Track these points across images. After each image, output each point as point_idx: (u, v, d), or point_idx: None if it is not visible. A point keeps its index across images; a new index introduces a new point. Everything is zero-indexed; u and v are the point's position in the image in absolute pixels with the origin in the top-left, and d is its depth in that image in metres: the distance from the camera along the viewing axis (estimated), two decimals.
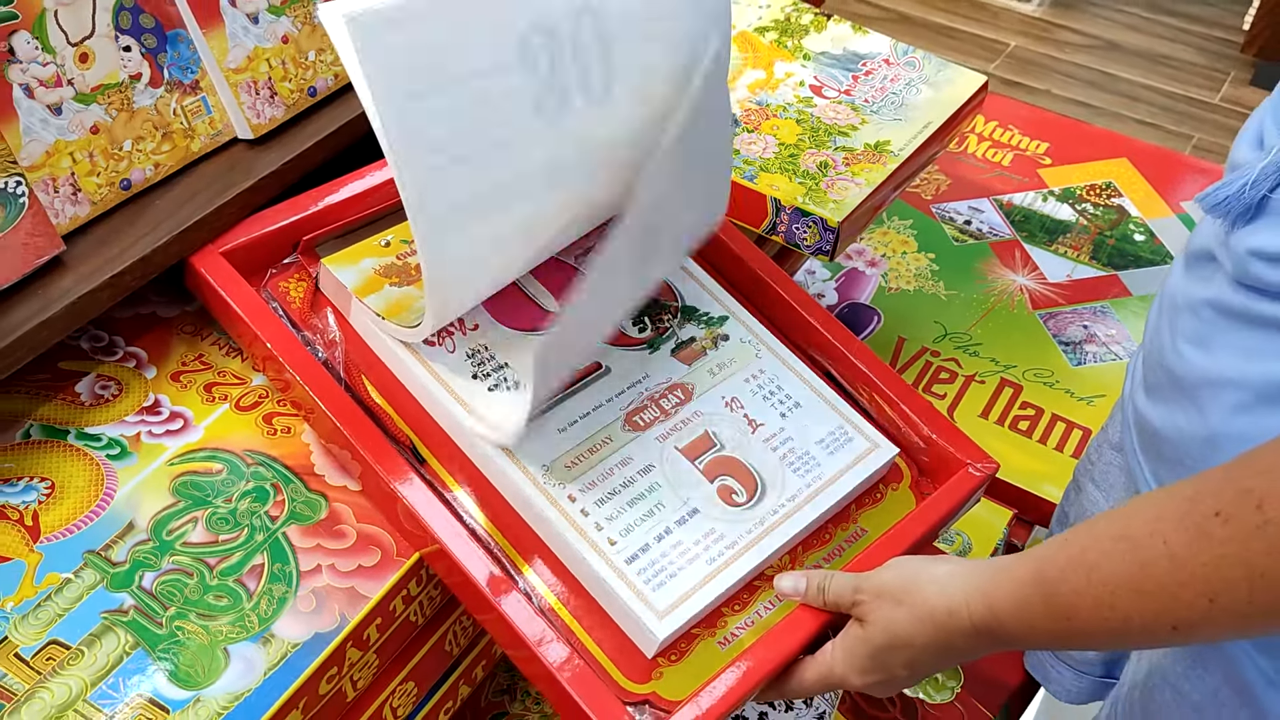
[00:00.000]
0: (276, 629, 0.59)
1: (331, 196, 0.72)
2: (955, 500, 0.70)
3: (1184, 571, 0.45)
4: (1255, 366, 0.53)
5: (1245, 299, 0.54)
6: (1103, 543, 0.49)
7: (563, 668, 0.59)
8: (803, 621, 0.63)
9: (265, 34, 0.72)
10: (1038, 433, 1.07)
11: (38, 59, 0.62)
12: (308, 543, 0.63)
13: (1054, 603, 0.51)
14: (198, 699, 0.56)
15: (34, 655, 0.57)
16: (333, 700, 0.61)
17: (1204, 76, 2.52)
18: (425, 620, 0.67)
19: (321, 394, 0.65)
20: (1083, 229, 1.29)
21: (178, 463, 0.66)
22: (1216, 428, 0.55)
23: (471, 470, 0.66)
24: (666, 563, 0.62)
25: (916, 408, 0.74)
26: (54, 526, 0.62)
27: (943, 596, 0.55)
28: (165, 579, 0.61)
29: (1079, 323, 1.18)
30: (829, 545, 0.69)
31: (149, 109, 0.68)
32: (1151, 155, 1.39)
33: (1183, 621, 0.46)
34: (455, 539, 0.61)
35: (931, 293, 1.21)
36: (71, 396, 0.68)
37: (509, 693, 0.82)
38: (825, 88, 0.94)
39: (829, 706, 0.81)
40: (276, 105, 0.73)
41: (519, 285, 0.72)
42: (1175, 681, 0.62)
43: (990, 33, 2.62)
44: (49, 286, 0.63)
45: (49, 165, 0.63)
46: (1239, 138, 0.58)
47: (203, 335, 0.73)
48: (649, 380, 0.70)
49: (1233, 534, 0.44)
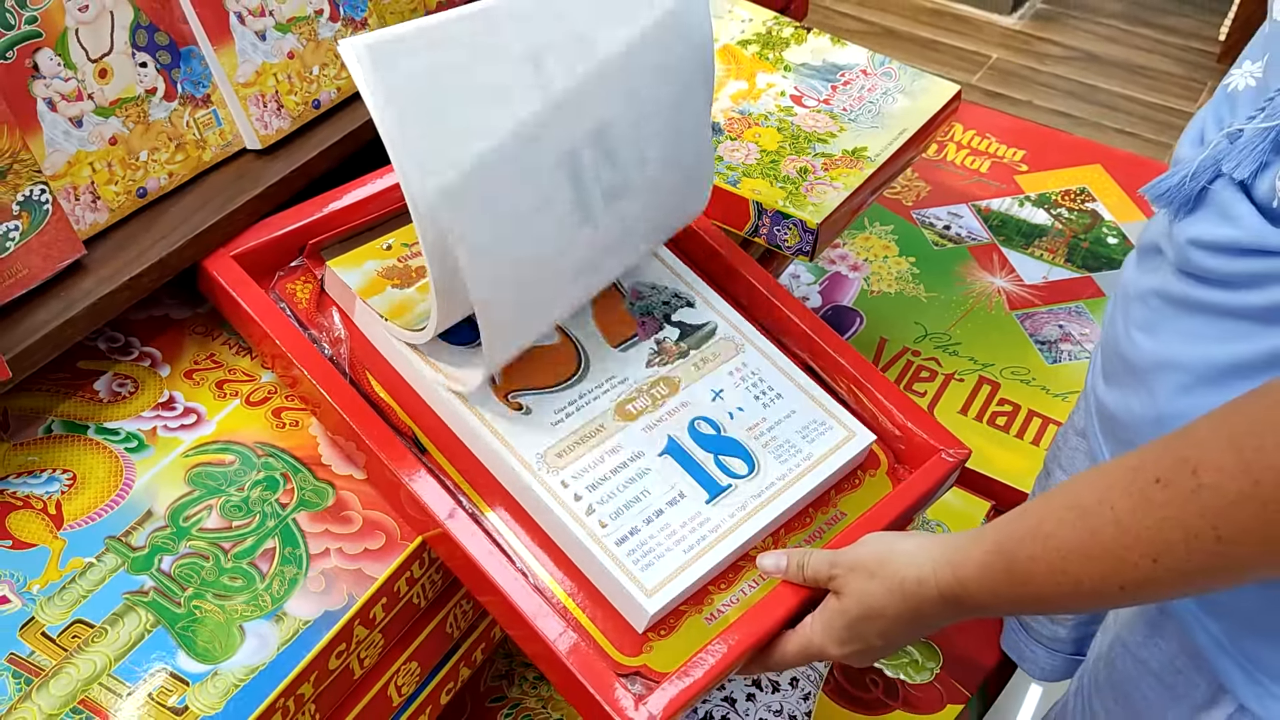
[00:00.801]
0: (288, 607, 0.63)
1: (336, 203, 0.76)
2: (929, 484, 0.74)
3: (1129, 535, 0.49)
4: (1195, 350, 0.57)
5: (1186, 286, 0.58)
6: (1056, 512, 0.53)
7: (559, 642, 0.62)
8: (784, 598, 0.67)
9: (272, 50, 0.76)
10: (1015, 428, 1.11)
11: (60, 74, 0.66)
12: (316, 528, 0.67)
13: (1013, 570, 0.55)
14: (215, 672, 0.60)
15: (60, 634, 0.61)
16: (341, 676, 0.65)
17: (1181, 86, 2.57)
18: (428, 603, 0.70)
19: (328, 388, 0.68)
20: (1058, 233, 1.33)
21: (192, 454, 0.69)
22: (1163, 409, 0.59)
23: (470, 459, 0.69)
24: (655, 544, 0.66)
25: (893, 399, 0.78)
26: (76, 515, 0.66)
27: (912, 567, 0.59)
28: (183, 562, 0.64)
29: (1054, 322, 1.22)
30: (810, 528, 0.73)
31: (163, 121, 0.72)
32: (1124, 161, 1.44)
33: (1129, 581, 0.50)
34: (456, 523, 0.65)
35: (912, 295, 1.25)
36: (90, 394, 0.72)
37: (507, 678, 0.86)
38: (805, 97, 0.98)
39: (814, 687, 0.84)
40: (283, 117, 0.77)
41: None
42: (1135, 650, 0.66)
43: (973, 45, 2.67)
44: (71, 288, 0.66)
45: (70, 174, 0.67)
46: (1182, 137, 0.62)
47: (214, 336, 0.77)
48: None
49: (1171, 498, 0.48)
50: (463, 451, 0.69)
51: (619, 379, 0.73)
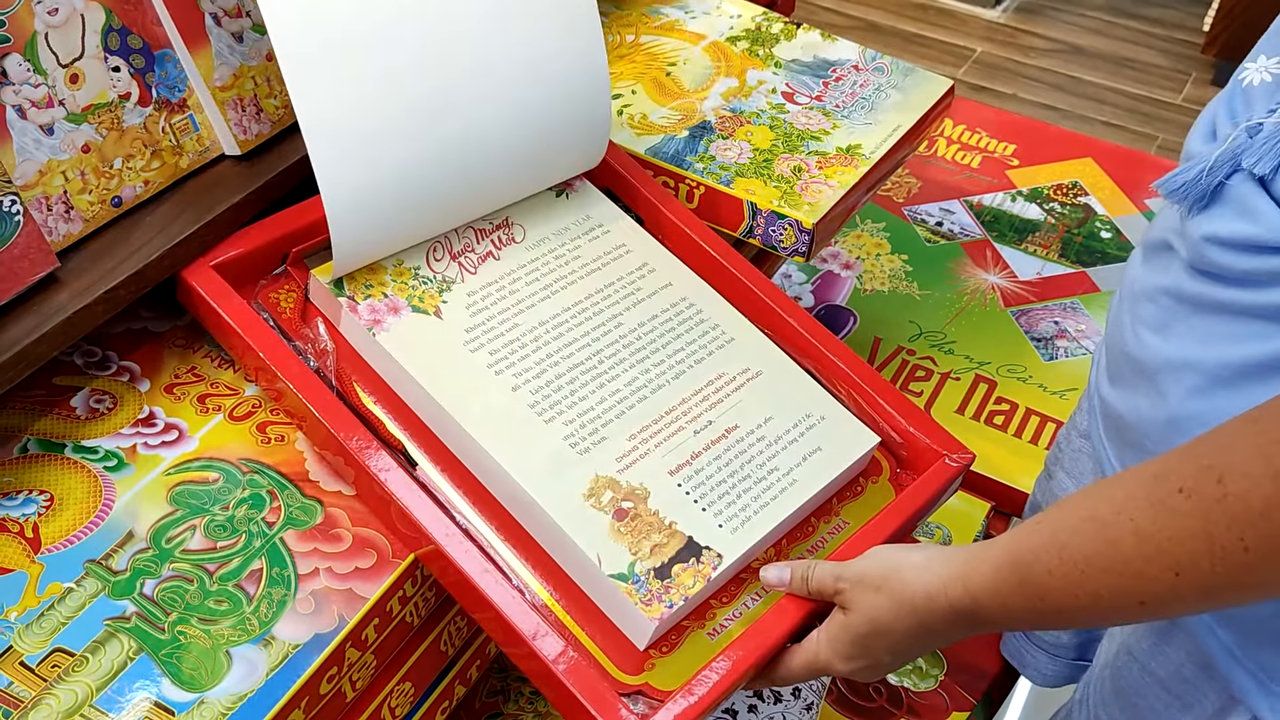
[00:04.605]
0: (277, 631, 0.61)
1: (319, 209, 0.74)
2: (932, 490, 0.72)
3: (1149, 546, 0.47)
4: (1210, 350, 0.55)
5: (1201, 285, 0.56)
6: (1072, 523, 0.51)
7: (558, 661, 0.60)
8: (788, 612, 0.65)
9: (250, 52, 0.73)
10: (1012, 427, 1.10)
11: (29, 80, 0.64)
12: (305, 547, 0.64)
13: (1028, 583, 0.53)
14: (202, 701, 0.58)
15: (39, 663, 0.58)
16: (333, 700, 0.63)
17: (1166, 78, 2.57)
18: (421, 621, 0.68)
19: (314, 402, 0.66)
20: (1051, 228, 1.32)
21: (174, 472, 0.67)
22: (1175, 411, 0.57)
23: (463, 472, 0.67)
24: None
25: (893, 403, 0.77)
26: (54, 538, 0.63)
27: (920, 582, 0.57)
28: (166, 586, 0.62)
29: (1050, 319, 1.21)
30: (812, 538, 0.71)
31: (138, 127, 0.69)
32: (1116, 155, 1.43)
33: (1150, 596, 0.48)
34: (449, 539, 0.63)
35: (906, 293, 1.24)
36: (67, 411, 0.69)
37: (503, 693, 0.84)
38: (797, 94, 0.96)
39: (817, 697, 0.82)
40: (263, 121, 0.75)
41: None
42: (1142, 659, 0.65)
43: (957, 39, 2.66)
44: (44, 302, 0.64)
45: (42, 184, 0.65)
46: (1191, 132, 0.60)
47: (194, 348, 0.74)
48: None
49: (1194, 508, 0.46)
50: (455, 465, 0.67)
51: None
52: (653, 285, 0.77)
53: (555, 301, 0.74)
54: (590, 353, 0.72)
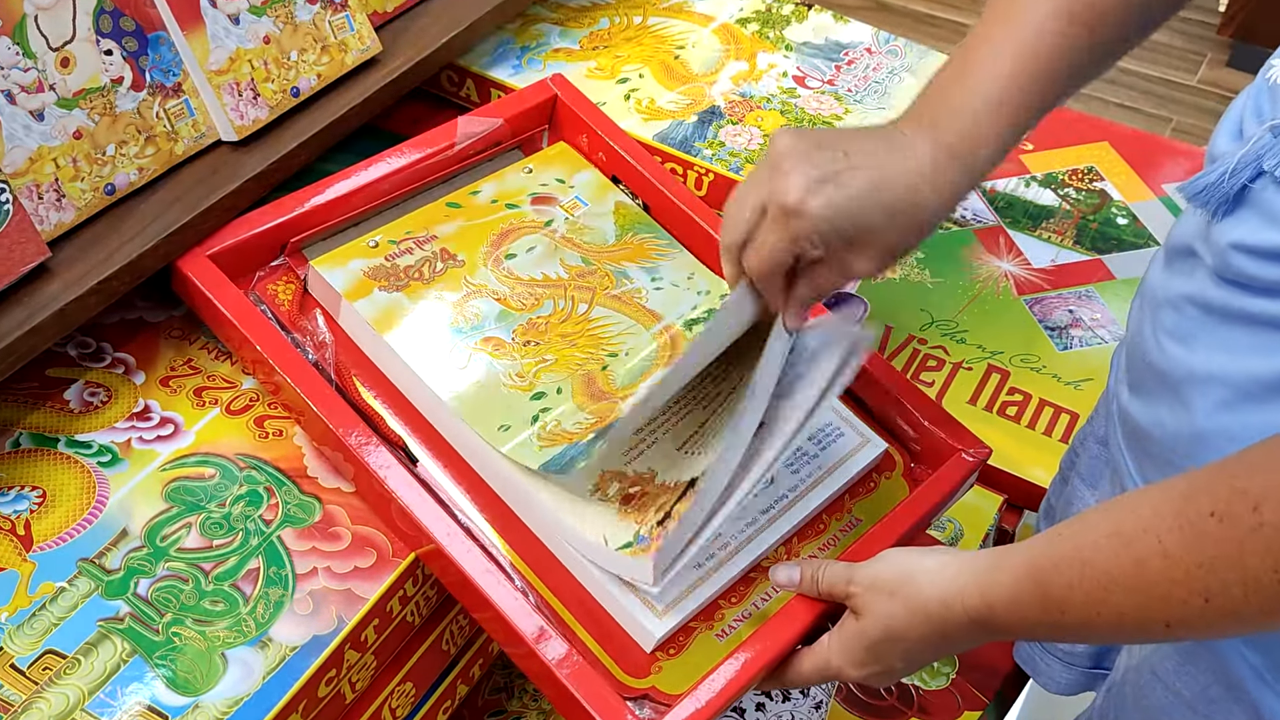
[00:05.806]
0: (274, 632, 0.59)
1: (317, 197, 0.72)
2: (948, 487, 0.71)
3: (1178, 570, 0.46)
4: (1238, 363, 0.53)
5: (1227, 294, 0.54)
6: (1096, 538, 0.49)
7: (561, 664, 0.59)
8: (799, 613, 0.63)
9: (247, 35, 0.71)
10: (1026, 418, 1.08)
11: (19, 65, 0.62)
12: (303, 545, 0.63)
13: (1048, 597, 0.51)
14: (196, 705, 0.56)
15: (30, 665, 0.57)
16: (332, 702, 0.61)
17: (1181, 59, 2.53)
18: (422, 620, 0.67)
19: (313, 396, 0.64)
20: (1066, 214, 1.29)
21: (169, 468, 0.65)
22: (1202, 425, 0.55)
23: (465, 468, 0.66)
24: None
25: (908, 395, 0.75)
26: (46, 535, 0.62)
27: (936, 589, 0.55)
28: (160, 585, 0.60)
29: (1064, 307, 1.19)
30: (825, 535, 0.69)
31: (131, 112, 0.67)
32: (1132, 139, 1.40)
33: (1177, 619, 0.46)
34: (451, 538, 0.61)
35: (917, 281, 1.21)
36: (60, 404, 0.68)
37: (506, 690, 0.82)
38: (808, 78, 0.94)
39: (826, 696, 0.81)
40: (260, 106, 0.73)
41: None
42: (1167, 679, 0.63)
43: (970, 20, 2.62)
44: (36, 293, 0.62)
45: (33, 171, 0.63)
46: (1218, 129, 0.58)
47: (191, 339, 0.72)
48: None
49: (1228, 534, 0.44)
50: (457, 461, 0.66)
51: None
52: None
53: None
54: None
